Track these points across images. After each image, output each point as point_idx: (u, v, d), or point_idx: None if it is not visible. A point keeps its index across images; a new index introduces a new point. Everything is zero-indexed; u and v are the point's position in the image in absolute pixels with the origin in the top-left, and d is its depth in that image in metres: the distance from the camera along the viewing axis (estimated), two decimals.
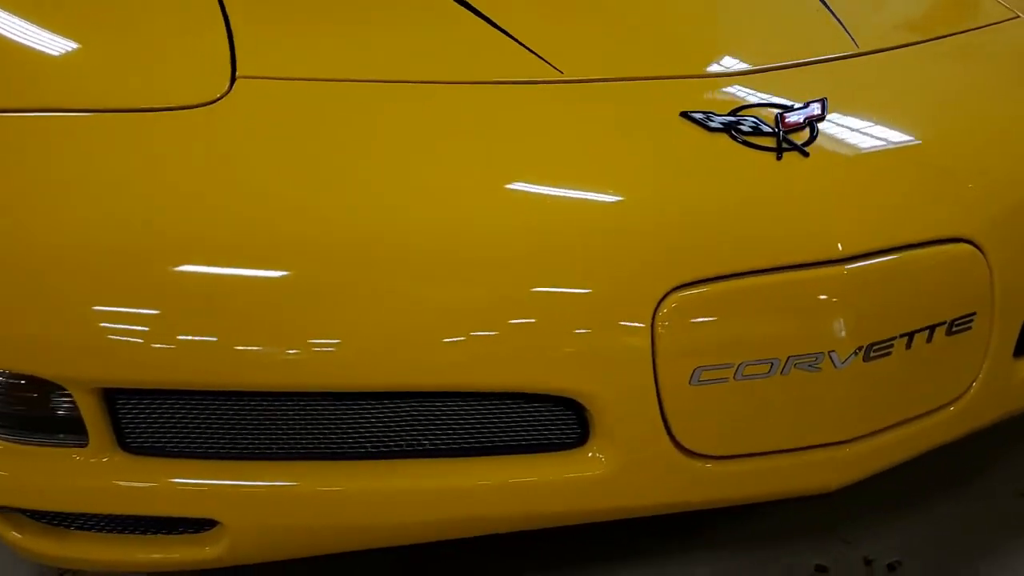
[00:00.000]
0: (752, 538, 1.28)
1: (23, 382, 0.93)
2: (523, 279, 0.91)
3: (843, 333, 0.94)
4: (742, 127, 1.02)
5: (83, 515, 0.99)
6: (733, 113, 1.04)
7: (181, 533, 0.98)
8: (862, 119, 1.07)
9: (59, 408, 0.93)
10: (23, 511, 0.98)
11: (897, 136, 1.07)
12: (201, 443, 0.93)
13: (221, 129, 0.98)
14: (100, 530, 0.99)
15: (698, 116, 1.02)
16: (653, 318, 0.91)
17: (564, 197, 0.95)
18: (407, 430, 0.95)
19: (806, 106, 1.06)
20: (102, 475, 0.93)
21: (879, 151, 1.04)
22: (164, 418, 0.93)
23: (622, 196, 0.95)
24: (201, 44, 1.07)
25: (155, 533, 0.99)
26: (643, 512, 1.00)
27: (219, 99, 1.00)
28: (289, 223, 0.91)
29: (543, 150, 0.99)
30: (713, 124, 1.02)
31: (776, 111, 1.04)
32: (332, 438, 0.94)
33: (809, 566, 1.25)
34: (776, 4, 1.32)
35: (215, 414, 0.92)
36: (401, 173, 0.95)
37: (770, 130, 1.02)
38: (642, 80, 1.08)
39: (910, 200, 1.01)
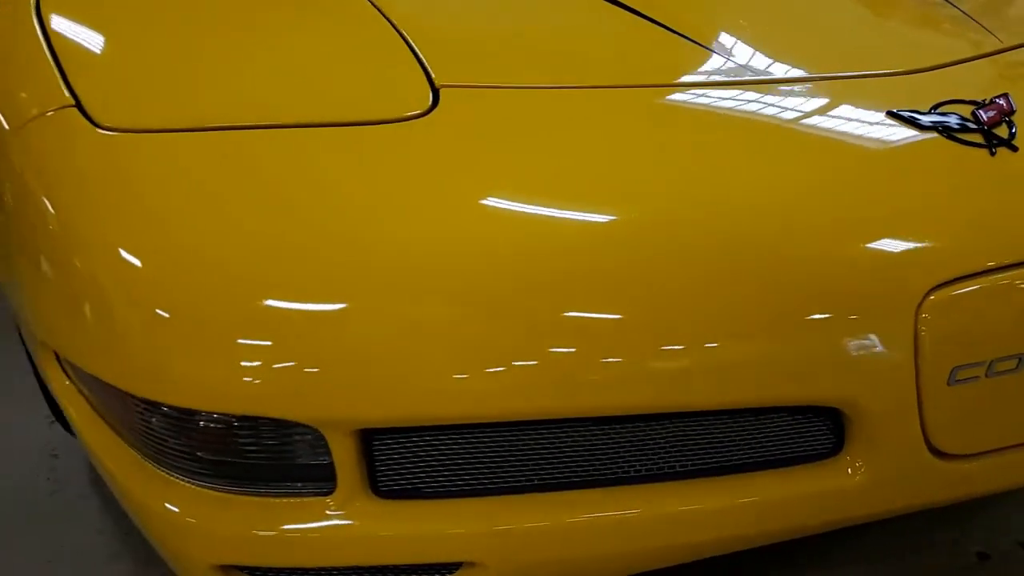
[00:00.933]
0: (910, 520, 1.29)
1: (262, 428, 0.84)
2: (791, 288, 0.88)
3: None
4: (949, 124, 1.02)
5: (310, 570, 0.90)
6: (933, 111, 1.03)
7: None
8: None
9: (302, 454, 0.85)
10: (245, 569, 0.89)
11: None
12: (456, 481, 0.86)
13: (445, 136, 0.91)
14: None
15: (905, 115, 1.02)
16: (916, 318, 0.90)
17: (813, 205, 0.93)
18: (661, 453, 0.91)
19: (992, 101, 1.07)
20: (351, 524, 0.85)
21: None
22: (418, 457, 0.85)
23: (868, 199, 0.94)
24: (391, 59, 1.01)
25: None
26: (888, 515, 0.99)
27: (432, 109, 0.94)
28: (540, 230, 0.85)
29: (775, 148, 0.97)
30: (923, 122, 1.01)
31: (969, 107, 1.05)
32: (588, 466, 0.88)
33: (970, 553, 1.27)
34: (915, 9, 1.33)
35: (472, 448, 0.86)
36: (632, 169, 0.91)
37: (975, 126, 1.02)
38: (837, 79, 1.07)
39: None
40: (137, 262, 0.82)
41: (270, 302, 0.79)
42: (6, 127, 0.97)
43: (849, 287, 0.89)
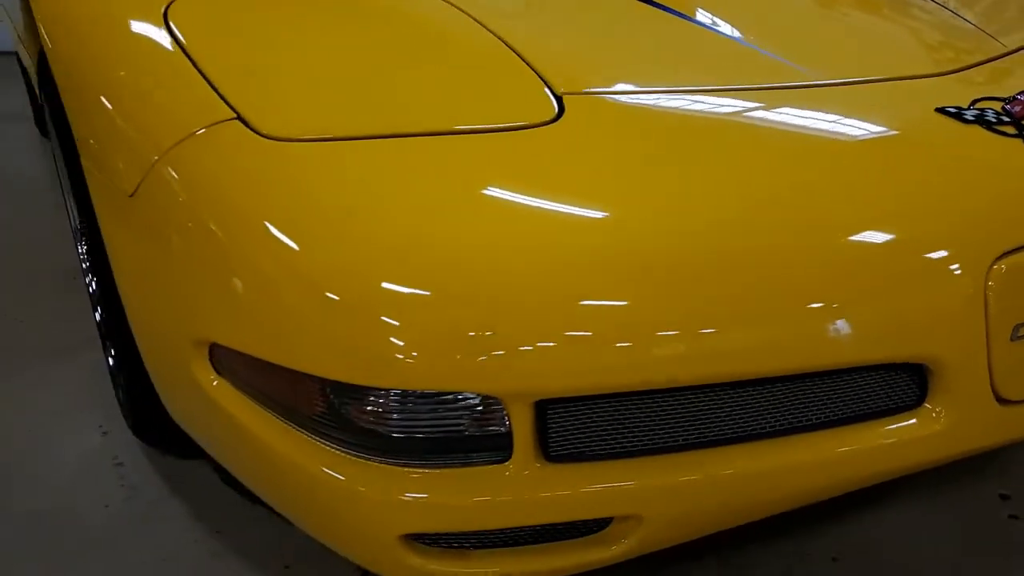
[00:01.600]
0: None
1: (450, 404, 0.93)
2: (890, 262, 1.02)
3: None
4: (987, 118, 1.18)
5: (478, 533, 0.99)
6: (972, 107, 1.20)
7: (580, 536, 1.01)
8: None
9: (483, 426, 0.94)
10: (427, 536, 0.98)
11: None
12: (617, 443, 0.97)
13: (582, 137, 1.02)
14: (498, 546, 1.00)
15: (951, 111, 1.18)
16: (985, 284, 1.05)
17: (893, 187, 1.07)
18: (781, 411, 1.04)
19: (1015, 98, 1.24)
20: (527, 487, 0.95)
21: None
22: (583, 423, 0.96)
23: (941, 182, 1.08)
24: (509, 70, 1.10)
25: (550, 540, 1.01)
26: (961, 456, 1.14)
27: (560, 115, 1.04)
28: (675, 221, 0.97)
29: (853, 140, 1.11)
30: (967, 116, 1.17)
31: (999, 103, 1.21)
32: (723, 425, 1.00)
33: (993, 494, 1.44)
34: (922, 21, 1.50)
35: (630, 413, 0.97)
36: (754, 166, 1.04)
37: (1008, 119, 1.19)
38: (886, 81, 1.23)
39: None
40: (328, 259, 0.90)
41: (465, 289, 0.88)
42: (161, 143, 1.02)
43: (932, 261, 1.04)
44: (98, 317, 1.75)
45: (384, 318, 0.88)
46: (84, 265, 1.79)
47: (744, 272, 0.94)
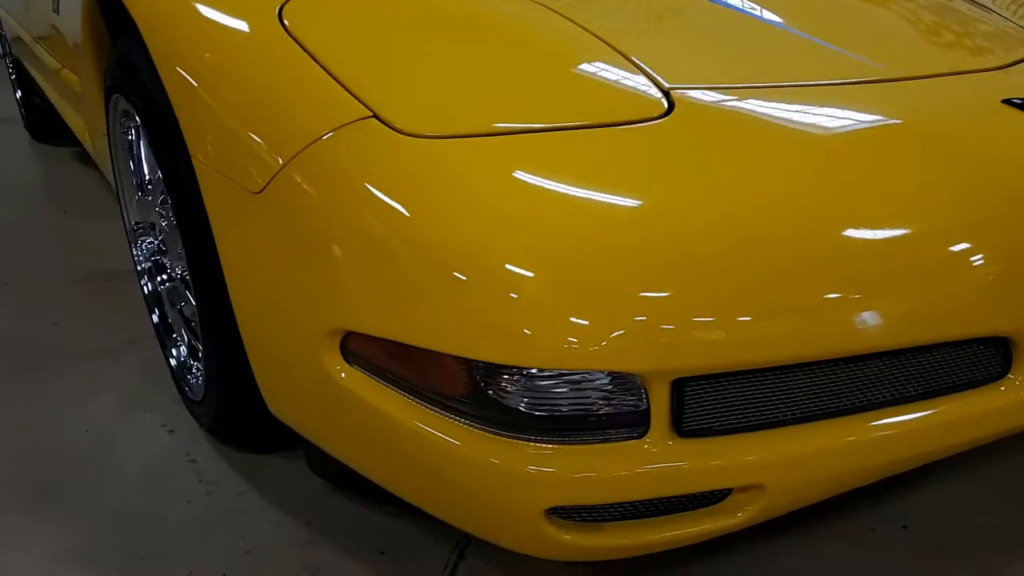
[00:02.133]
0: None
1: (596, 383, 0.98)
2: (981, 239, 1.09)
3: None
4: None
5: (610, 506, 1.05)
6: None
7: (701, 506, 1.07)
8: None
9: (624, 403, 1.00)
10: (569, 509, 1.03)
11: None
12: (744, 416, 1.04)
13: (697, 129, 1.08)
14: (628, 518, 1.06)
15: (1017, 102, 1.26)
16: None
17: (975, 171, 1.15)
18: (882, 384, 1.10)
19: None
20: (661, 461, 1.01)
21: None
22: (714, 398, 1.02)
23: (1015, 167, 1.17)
24: (615, 67, 1.16)
25: (672, 512, 1.07)
26: None
27: (671, 109, 1.10)
28: (799, 212, 1.03)
29: (942, 130, 1.18)
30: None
31: None
32: (839, 396, 1.07)
33: None
34: (969, 16, 1.59)
35: (756, 388, 1.03)
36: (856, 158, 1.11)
37: None
38: (951, 75, 1.31)
39: None
40: (475, 247, 0.95)
41: (613, 273, 0.94)
42: (294, 142, 1.06)
43: (1017, 240, 1.12)
44: (155, 319, 1.76)
45: (526, 299, 0.93)
46: (141, 267, 1.80)
47: (863, 259, 1.01)
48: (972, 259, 1.08)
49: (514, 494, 1.00)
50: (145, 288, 1.78)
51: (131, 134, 1.66)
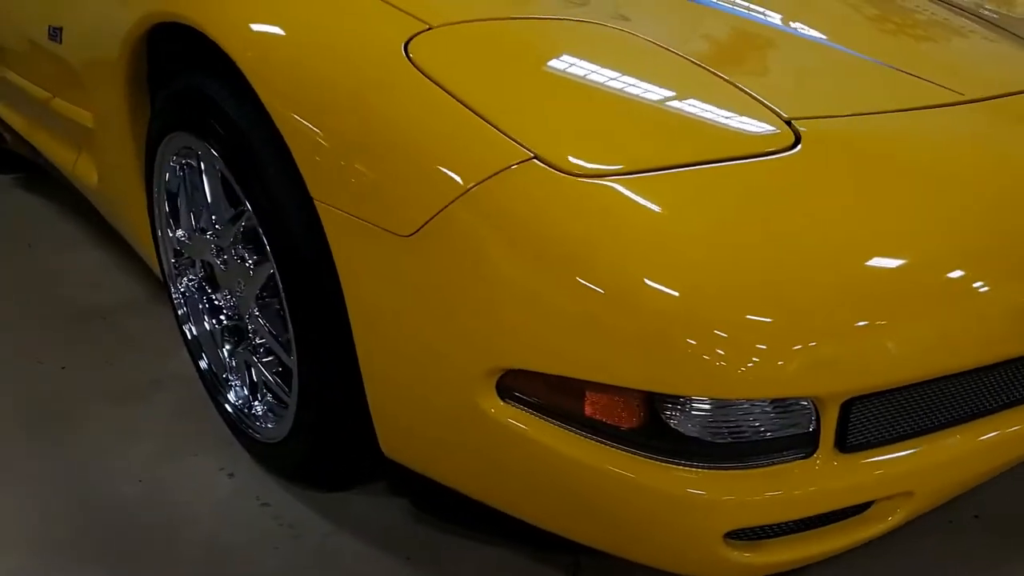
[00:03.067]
0: None
1: (777, 409, 1.03)
2: None
3: None
4: None
5: (775, 525, 1.09)
6: None
7: (846, 518, 1.13)
8: None
9: (797, 426, 1.04)
10: (746, 530, 1.07)
11: None
12: (897, 427, 1.10)
13: (828, 164, 1.14)
14: (786, 534, 1.11)
15: None
16: None
17: None
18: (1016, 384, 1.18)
19: None
20: (829, 478, 1.06)
21: None
22: (875, 413, 1.08)
23: None
24: (734, 100, 1.21)
25: (821, 524, 1.12)
26: None
27: (798, 140, 1.15)
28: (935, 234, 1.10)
29: None
30: None
31: None
32: (980, 400, 1.15)
33: None
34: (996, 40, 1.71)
35: (912, 398, 1.09)
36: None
37: None
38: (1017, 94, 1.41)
39: None
40: (655, 281, 0.98)
41: (789, 303, 0.99)
42: (451, 185, 1.07)
43: None
44: (205, 364, 1.71)
45: (717, 332, 0.97)
46: (182, 311, 1.74)
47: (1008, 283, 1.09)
48: None
49: (696, 520, 1.04)
50: (190, 331, 1.72)
51: (181, 171, 1.61)
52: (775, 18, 1.54)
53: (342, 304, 1.21)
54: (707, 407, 1.01)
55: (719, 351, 0.96)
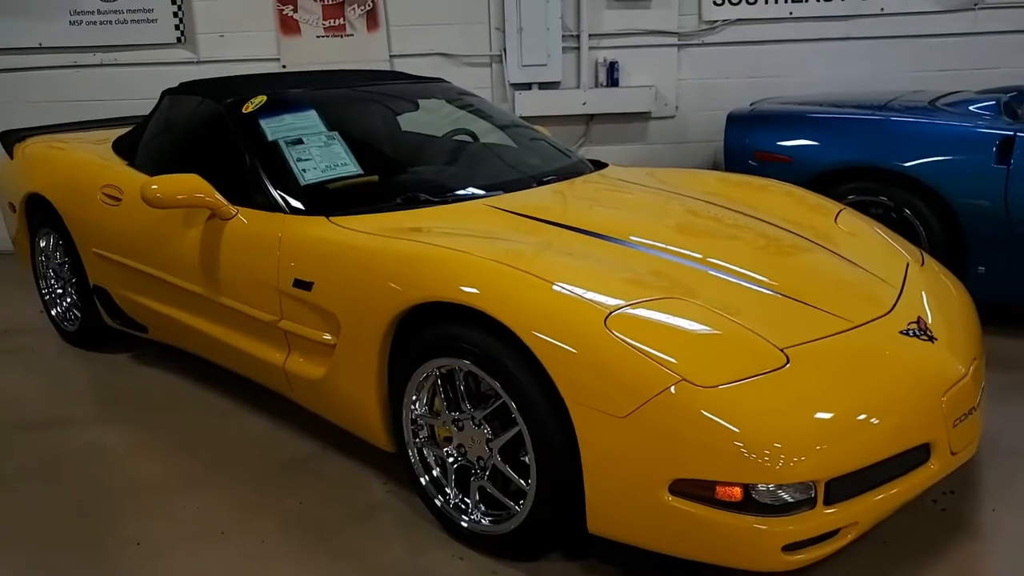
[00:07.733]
0: None
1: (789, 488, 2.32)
2: None
3: None
4: (917, 333, 2.76)
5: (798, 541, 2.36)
6: (908, 328, 2.78)
7: (829, 538, 2.40)
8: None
9: (805, 492, 2.32)
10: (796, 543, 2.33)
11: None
12: (849, 490, 2.39)
13: (813, 369, 2.47)
14: (807, 545, 2.37)
15: (904, 331, 2.75)
16: None
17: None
18: None
19: (918, 319, 2.84)
20: (820, 519, 2.34)
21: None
22: (842, 485, 2.37)
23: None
24: (741, 335, 2.52)
25: (823, 540, 2.40)
26: None
27: (788, 362, 2.47)
28: None
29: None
30: (909, 332, 2.75)
31: (914, 324, 2.81)
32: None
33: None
34: (851, 273, 3.12)
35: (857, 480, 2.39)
36: None
37: (923, 333, 2.78)
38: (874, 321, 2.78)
39: None
40: (766, 435, 2.25)
41: (815, 436, 2.28)
42: (641, 392, 2.31)
43: None
44: (439, 502, 2.86)
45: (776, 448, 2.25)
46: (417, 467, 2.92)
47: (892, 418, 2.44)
48: None
49: (768, 542, 2.29)
50: (424, 479, 2.89)
51: (435, 378, 2.78)
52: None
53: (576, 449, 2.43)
54: (769, 488, 2.27)
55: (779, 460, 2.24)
